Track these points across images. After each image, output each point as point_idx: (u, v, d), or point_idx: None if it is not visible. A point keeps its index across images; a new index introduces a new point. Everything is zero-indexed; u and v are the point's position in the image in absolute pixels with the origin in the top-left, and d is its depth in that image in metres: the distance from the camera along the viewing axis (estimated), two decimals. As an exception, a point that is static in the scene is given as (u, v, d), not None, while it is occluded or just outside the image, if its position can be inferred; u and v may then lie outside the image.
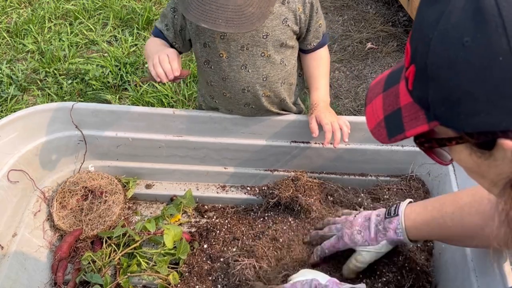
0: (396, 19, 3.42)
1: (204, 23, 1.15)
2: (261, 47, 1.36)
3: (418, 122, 0.61)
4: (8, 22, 3.46)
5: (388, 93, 0.68)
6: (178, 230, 1.39)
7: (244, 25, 1.15)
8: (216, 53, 1.38)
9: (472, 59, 0.51)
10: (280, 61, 1.41)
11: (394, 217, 1.15)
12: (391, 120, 0.66)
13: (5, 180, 1.39)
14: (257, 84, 1.42)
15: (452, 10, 0.53)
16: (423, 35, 0.57)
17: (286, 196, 1.47)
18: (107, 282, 1.31)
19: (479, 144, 0.57)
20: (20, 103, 2.82)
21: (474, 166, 0.61)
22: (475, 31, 0.50)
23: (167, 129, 1.53)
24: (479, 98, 0.52)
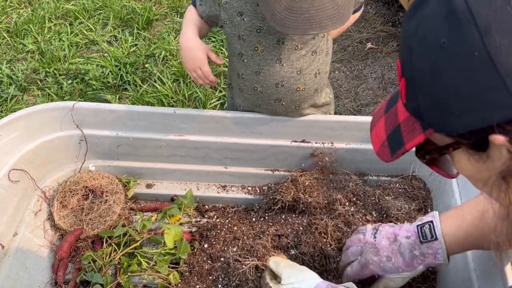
0: (396, 19, 3.42)
1: (311, 31, 1.12)
2: (295, 41, 1.35)
3: (415, 133, 0.63)
4: (8, 22, 3.46)
5: (389, 114, 0.70)
6: (178, 230, 1.39)
7: (345, 16, 1.14)
8: (251, 46, 1.36)
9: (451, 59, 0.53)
10: (314, 52, 1.39)
11: (433, 241, 1.04)
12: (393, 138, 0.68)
13: (5, 179, 1.39)
14: (291, 79, 1.40)
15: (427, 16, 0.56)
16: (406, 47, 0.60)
17: (288, 199, 1.47)
18: (108, 282, 1.31)
19: (473, 145, 0.58)
20: (20, 103, 2.82)
21: (476, 172, 0.62)
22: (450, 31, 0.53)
23: (168, 129, 1.53)
24: (463, 96, 0.53)
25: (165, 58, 3.11)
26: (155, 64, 3.06)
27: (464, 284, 1.18)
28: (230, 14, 1.34)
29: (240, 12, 1.32)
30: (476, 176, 0.64)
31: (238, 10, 1.32)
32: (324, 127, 1.52)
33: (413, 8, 0.61)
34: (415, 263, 1.06)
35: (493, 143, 0.55)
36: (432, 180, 1.52)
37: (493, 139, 0.54)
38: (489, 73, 0.51)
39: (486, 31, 0.50)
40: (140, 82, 2.91)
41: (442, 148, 0.63)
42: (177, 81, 2.94)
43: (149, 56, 3.13)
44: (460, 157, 0.62)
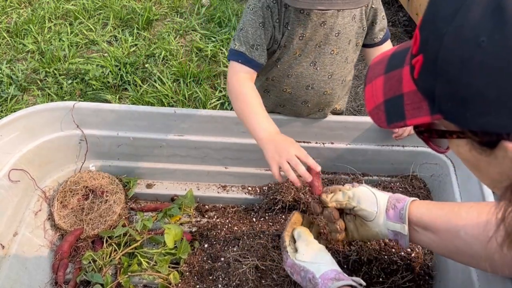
0: (396, 19, 3.42)
1: (320, 6, 1.13)
2: (332, 45, 1.36)
3: (421, 113, 0.59)
4: (8, 22, 3.46)
5: (390, 76, 0.66)
6: (178, 230, 1.39)
7: (359, 0, 1.15)
8: (290, 53, 1.37)
9: (487, 60, 0.49)
10: (345, 59, 1.41)
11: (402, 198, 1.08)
12: (392, 105, 0.64)
13: (6, 179, 1.39)
14: (322, 82, 1.42)
15: (470, 6, 0.51)
16: (436, 28, 0.54)
17: (288, 199, 1.47)
18: (108, 282, 1.31)
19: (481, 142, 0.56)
20: (20, 103, 2.82)
21: (473, 160, 0.60)
22: (493, 32, 0.48)
23: (168, 129, 1.53)
24: (490, 99, 0.50)
25: (165, 58, 3.11)
26: (155, 64, 3.05)
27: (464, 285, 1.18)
28: (282, 28, 1.33)
29: (287, 22, 1.32)
30: (472, 163, 0.62)
31: (285, 21, 1.32)
32: (324, 127, 1.52)
33: None
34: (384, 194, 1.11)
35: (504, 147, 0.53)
36: (432, 180, 1.52)
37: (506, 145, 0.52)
38: None
39: None
40: (140, 82, 2.91)
41: (445, 132, 0.60)
42: (177, 81, 2.93)
43: (149, 56, 3.13)
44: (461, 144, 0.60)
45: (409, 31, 3.31)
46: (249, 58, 1.31)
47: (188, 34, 3.36)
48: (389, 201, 1.09)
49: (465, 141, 0.58)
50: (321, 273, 1.02)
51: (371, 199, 1.10)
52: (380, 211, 1.08)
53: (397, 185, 1.54)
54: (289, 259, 1.10)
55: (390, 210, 1.08)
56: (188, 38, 3.31)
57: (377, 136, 1.51)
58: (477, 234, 0.94)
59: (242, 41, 1.31)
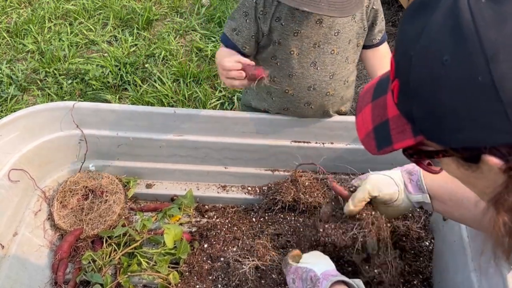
0: (396, 19, 3.42)
1: (306, 7, 1.13)
2: (331, 45, 1.36)
3: (405, 136, 0.61)
4: (8, 22, 3.46)
5: (376, 103, 0.68)
6: (178, 230, 1.39)
7: (346, 9, 1.14)
8: (286, 50, 1.37)
9: (452, 77, 0.51)
10: (346, 59, 1.41)
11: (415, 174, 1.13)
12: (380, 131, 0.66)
13: (5, 179, 1.39)
14: (323, 82, 1.42)
15: (431, 26, 0.52)
16: (404, 50, 0.57)
17: (288, 200, 1.47)
18: (108, 282, 1.31)
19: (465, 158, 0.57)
20: (20, 103, 2.82)
21: (463, 177, 0.62)
22: (454, 50, 0.50)
23: (168, 129, 1.53)
24: (461, 115, 0.51)
25: (165, 58, 3.11)
26: (155, 64, 3.05)
27: (464, 284, 1.18)
28: (269, 22, 1.34)
29: (278, 17, 1.33)
30: (463, 180, 0.64)
31: (276, 15, 1.33)
32: (324, 127, 1.52)
33: (415, 9, 0.57)
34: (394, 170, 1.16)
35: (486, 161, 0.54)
36: (432, 180, 1.52)
37: (487, 159, 0.53)
38: (490, 99, 0.49)
39: (492, 58, 0.47)
40: (140, 82, 2.91)
41: (432, 153, 0.61)
42: (177, 81, 2.93)
43: (149, 56, 3.13)
44: (449, 163, 0.61)
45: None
46: (229, 40, 1.41)
47: (188, 34, 3.36)
48: (403, 175, 1.15)
49: (451, 159, 0.60)
50: (322, 271, 1.05)
51: (388, 180, 1.15)
52: (401, 189, 1.14)
53: (397, 185, 1.54)
54: (292, 266, 1.13)
55: (408, 184, 1.13)
56: (188, 38, 3.31)
57: (377, 136, 1.51)
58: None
59: (228, 24, 1.42)
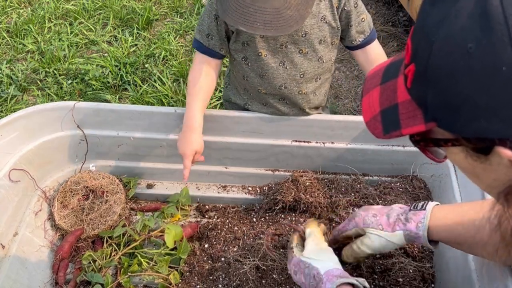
0: (396, 19, 3.42)
1: (242, 26, 1.14)
2: (299, 45, 1.37)
3: (415, 122, 0.60)
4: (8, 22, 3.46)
5: (386, 87, 0.66)
6: (178, 230, 1.39)
7: (282, 28, 1.15)
8: (254, 52, 1.38)
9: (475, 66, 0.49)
10: (318, 58, 1.41)
11: (420, 211, 1.06)
12: (388, 116, 0.65)
13: (6, 179, 1.39)
14: (294, 81, 1.43)
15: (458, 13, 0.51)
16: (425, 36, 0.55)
17: (289, 199, 1.47)
18: (108, 282, 1.31)
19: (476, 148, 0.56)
20: (20, 103, 2.82)
21: (469, 167, 0.61)
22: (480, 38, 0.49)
23: (168, 128, 1.53)
24: (479, 105, 0.50)
25: (165, 58, 3.11)
26: (155, 64, 3.05)
27: (464, 285, 1.18)
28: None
29: None
30: (468, 171, 0.62)
31: None
32: (324, 127, 1.52)
33: None
34: (396, 226, 1.07)
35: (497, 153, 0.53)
36: (432, 181, 1.52)
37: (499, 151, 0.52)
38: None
39: None
40: (140, 82, 2.91)
41: (440, 141, 0.60)
42: (177, 81, 2.93)
43: (149, 56, 3.13)
44: (457, 152, 0.60)
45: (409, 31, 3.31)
46: (205, 47, 1.42)
47: (188, 34, 3.36)
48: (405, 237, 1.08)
49: (460, 148, 0.59)
50: (326, 270, 1.01)
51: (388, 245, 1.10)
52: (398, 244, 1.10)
53: (397, 185, 1.54)
54: (295, 257, 1.09)
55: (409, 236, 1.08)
56: (188, 38, 3.31)
57: (377, 136, 1.51)
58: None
59: (199, 29, 1.42)
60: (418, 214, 1.06)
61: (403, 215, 1.08)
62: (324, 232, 1.19)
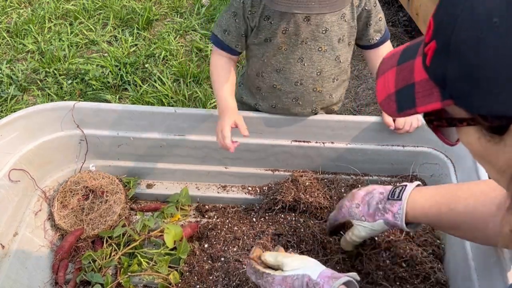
0: (396, 19, 3.42)
1: (297, 10, 1.15)
2: (319, 42, 1.37)
3: (432, 99, 0.60)
4: (8, 22, 3.46)
5: (402, 67, 0.67)
6: (178, 230, 1.39)
7: (336, 4, 1.17)
8: (274, 47, 1.39)
9: (499, 41, 0.50)
10: (336, 57, 1.42)
11: (396, 201, 1.10)
12: (403, 95, 0.65)
13: (6, 179, 1.39)
14: (310, 78, 1.43)
15: None
16: (449, 10, 0.56)
17: (288, 199, 1.47)
18: (108, 282, 1.31)
19: (491, 128, 0.56)
20: (20, 103, 2.82)
21: (482, 150, 0.60)
22: (506, 12, 0.49)
23: (168, 128, 1.53)
24: (499, 80, 0.51)
25: (165, 58, 3.11)
26: (155, 64, 3.05)
27: (464, 283, 1.18)
28: (257, 20, 1.36)
29: (267, 16, 1.34)
30: (480, 154, 0.62)
31: (265, 14, 1.34)
32: (325, 127, 1.52)
33: None
34: (376, 216, 1.13)
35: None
36: (432, 180, 1.52)
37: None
38: None
39: None
40: (140, 82, 2.91)
41: (455, 120, 0.60)
42: (177, 81, 2.93)
43: (149, 56, 3.12)
44: (470, 133, 0.60)
45: (409, 31, 3.31)
46: (221, 42, 1.43)
47: (188, 34, 3.36)
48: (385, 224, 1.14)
49: (474, 129, 0.58)
50: (318, 273, 1.00)
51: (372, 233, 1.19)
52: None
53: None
54: (276, 277, 1.02)
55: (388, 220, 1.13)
56: (188, 38, 3.31)
57: (377, 136, 1.51)
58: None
59: (217, 24, 1.43)
60: (395, 205, 1.10)
61: (381, 203, 1.13)
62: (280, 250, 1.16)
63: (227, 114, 1.37)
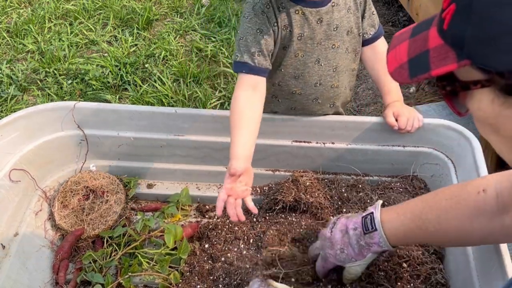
0: (396, 19, 3.42)
1: None
2: (332, 40, 1.37)
3: (447, 61, 0.60)
4: (8, 22, 3.46)
5: (415, 39, 0.67)
6: (179, 230, 1.39)
7: None
8: (291, 54, 1.38)
9: None
10: (346, 49, 1.42)
11: (373, 232, 1.10)
12: (416, 62, 0.65)
13: (6, 179, 1.39)
14: (328, 76, 1.43)
15: None
16: None
17: (289, 199, 1.47)
18: (108, 282, 1.31)
19: (506, 87, 0.56)
20: (20, 103, 2.82)
21: (492, 115, 0.60)
22: None
23: (169, 128, 1.53)
24: None
25: (165, 58, 3.11)
26: (155, 64, 3.05)
27: (465, 284, 1.18)
28: (281, 31, 1.34)
29: (285, 25, 1.33)
30: (490, 120, 0.62)
31: (283, 24, 1.33)
32: (325, 127, 1.52)
33: None
34: (364, 252, 1.13)
35: None
36: (433, 181, 1.52)
37: None
38: None
39: None
40: (140, 82, 2.91)
41: (469, 83, 0.60)
42: (177, 81, 2.93)
43: (149, 56, 3.12)
44: (483, 96, 0.60)
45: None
46: (252, 66, 1.31)
47: (188, 34, 3.36)
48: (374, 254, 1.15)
49: (488, 91, 0.59)
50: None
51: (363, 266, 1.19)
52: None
53: (398, 185, 1.54)
54: None
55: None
56: (188, 38, 3.31)
57: (378, 136, 1.51)
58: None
59: (242, 50, 1.32)
60: (374, 237, 1.10)
61: (361, 239, 1.12)
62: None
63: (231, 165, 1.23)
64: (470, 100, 0.63)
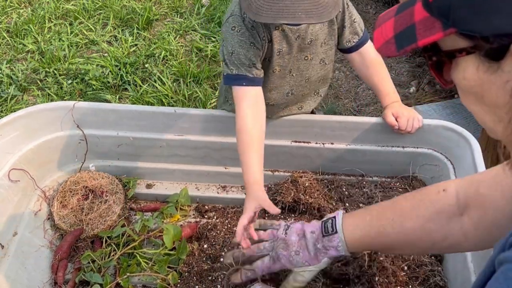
0: (396, 20, 3.42)
1: (283, 20, 1.13)
2: (305, 52, 1.38)
3: (433, 32, 0.61)
4: (8, 22, 3.46)
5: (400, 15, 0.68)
6: (178, 230, 1.39)
7: (324, 15, 1.14)
8: (270, 70, 1.38)
9: None
10: (321, 60, 1.43)
11: (333, 235, 1.09)
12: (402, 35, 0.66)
13: (5, 179, 1.39)
14: (300, 86, 1.45)
15: None
16: None
17: (288, 200, 1.47)
18: (107, 282, 1.31)
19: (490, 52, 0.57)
20: (20, 103, 2.82)
21: (477, 83, 0.61)
22: None
23: (168, 128, 1.53)
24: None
25: (165, 58, 3.11)
26: (155, 64, 3.05)
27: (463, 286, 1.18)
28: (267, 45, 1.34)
29: (269, 39, 1.33)
30: (475, 89, 0.63)
31: (268, 38, 1.33)
32: (325, 127, 1.52)
33: None
34: (319, 256, 1.11)
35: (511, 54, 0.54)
36: (432, 182, 1.52)
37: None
38: None
39: None
40: (140, 82, 2.91)
41: (454, 52, 0.61)
42: (177, 81, 2.93)
43: (149, 56, 3.12)
44: (468, 64, 0.61)
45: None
46: (251, 78, 1.32)
47: (188, 34, 3.36)
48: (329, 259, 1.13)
49: (473, 58, 0.60)
50: None
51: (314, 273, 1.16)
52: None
53: (397, 186, 1.54)
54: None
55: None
56: (188, 38, 3.31)
57: (378, 137, 1.51)
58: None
59: (237, 64, 1.31)
60: (333, 240, 1.09)
61: (319, 242, 1.11)
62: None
63: (251, 194, 1.24)
64: (455, 71, 0.64)
